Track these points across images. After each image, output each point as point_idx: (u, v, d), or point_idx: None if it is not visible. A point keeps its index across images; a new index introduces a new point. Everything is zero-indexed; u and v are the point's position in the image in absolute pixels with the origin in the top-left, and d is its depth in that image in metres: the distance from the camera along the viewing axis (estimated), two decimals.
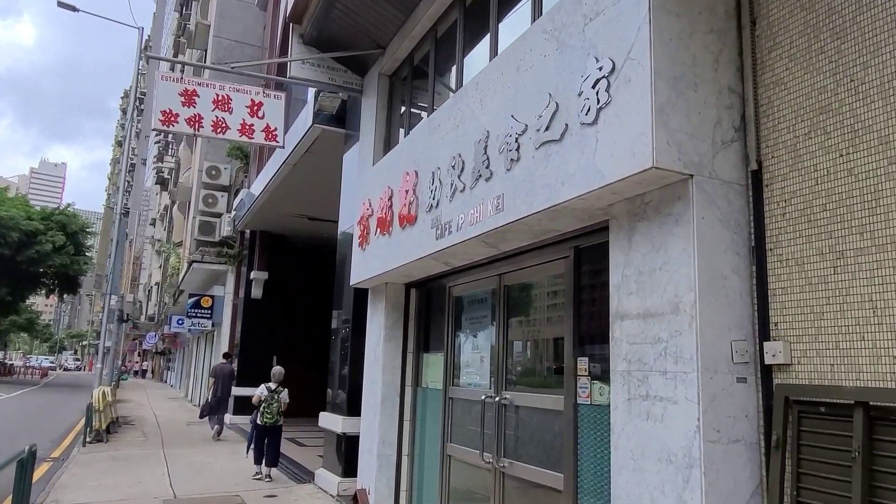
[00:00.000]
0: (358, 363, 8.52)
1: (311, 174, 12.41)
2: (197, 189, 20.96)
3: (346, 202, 9.52)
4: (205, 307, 19.15)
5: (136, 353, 62.82)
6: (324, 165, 11.89)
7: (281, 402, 9.62)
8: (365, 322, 8.61)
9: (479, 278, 5.48)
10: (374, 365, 6.88)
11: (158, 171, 45.63)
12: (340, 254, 9.53)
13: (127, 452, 11.95)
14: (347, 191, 9.47)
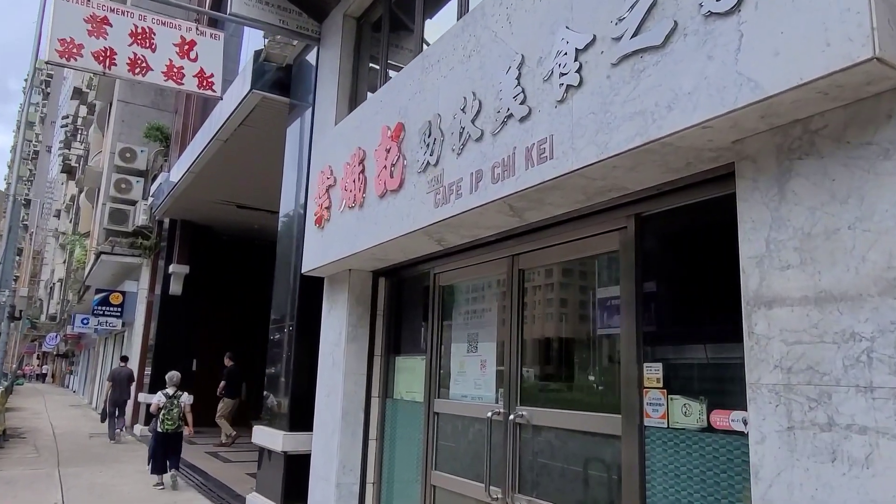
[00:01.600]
0: (305, 369, 7.12)
1: (244, 154, 10.83)
2: (108, 173, 18.69)
3: (289, 179, 8.10)
4: (114, 304, 16.97)
5: (34, 356, 57.70)
6: (259, 144, 10.36)
7: (182, 405, 9.23)
8: (315, 319, 7.21)
9: (482, 261, 4.27)
10: (331, 371, 5.52)
11: (65, 159, 41.92)
12: (282, 240, 8.11)
13: (12, 474, 9.97)
14: (291, 166, 8.07)
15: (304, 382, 7.11)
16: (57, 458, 11.54)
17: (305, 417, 7.03)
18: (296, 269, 7.20)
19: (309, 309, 7.25)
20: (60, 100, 53.18)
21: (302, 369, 7.12)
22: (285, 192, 8.18)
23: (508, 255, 4.06)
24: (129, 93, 18.92)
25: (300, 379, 7.09)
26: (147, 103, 19.05)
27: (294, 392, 7.02)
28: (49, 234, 48.74)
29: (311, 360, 7.19)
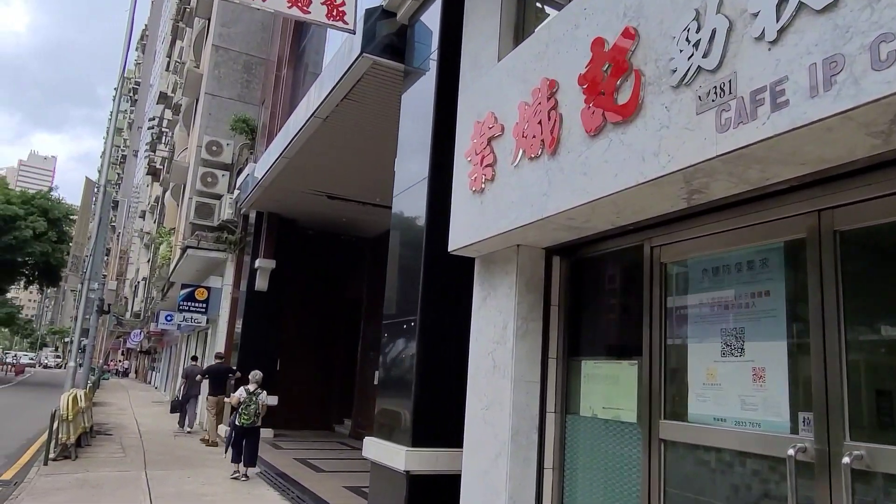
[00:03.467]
0: (434, 372, 5.89)
1: (342, 135, 9.76)
2: (195, 167, 18.18)
3: (408, 149, 6.92)
4: (199, 300, 16.34)
5: (119, 352, 59.37)
6: (361, 122, 9.27)
7: (259, 403, 9.50)
8: (447, 313, 5.98)
9: (754, 223, 2.89)
10: (491, 376, 4.22)
11: (150, 162, 42.74)
12: (401, 222, 6.90)
13: (98, 475, 9.16)
14: (412, 133, 6.88)
15: (432, 389, 5.87)
16: (143, 459, 10.75)
17: (434, 430, 5.79)
18: (427, 253, 5.97)
19: (439, 301, 6.01)
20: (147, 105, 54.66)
21: (430, 373, 5.88)
22: (402, 166, 6.98)
23: (810, 210, 2.67)
24: (216, 86, 18.39)
25: (427, 384, 5.85)
26: (233, 96, 18.48)
27: (419, 400, 5.79)
28: (135, 234, 49.92)
29: (442, 362, 5.94)
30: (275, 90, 15.53)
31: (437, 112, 6.28)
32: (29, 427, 15.35)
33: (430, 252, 6.04)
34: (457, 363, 5.91)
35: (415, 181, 6.49)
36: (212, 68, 18.41)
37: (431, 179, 6.16)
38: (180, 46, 37.77)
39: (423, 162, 6.31)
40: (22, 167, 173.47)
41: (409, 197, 6.60)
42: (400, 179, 6.95)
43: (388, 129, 9.35)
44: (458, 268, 5.82)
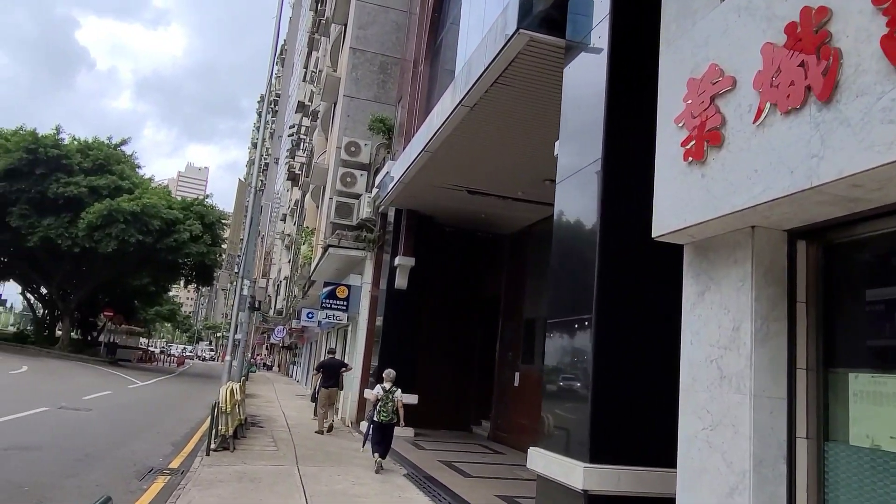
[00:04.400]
0: (617, 377, 5.15)
1: (489, 124, 9.21)
2: (334, 168, 18.52)
3: (574, 127, 6.19)
4: (340, 298, 16.56)
5: (263, 347, 63.26)
6: (510, 109, 8.66)
7: (396, 401, 9.88)
8: (623, 311, 5.23)
9: None
10: (717, 388, 3.41)
11: (290, 168, 45.00)
12: (568, 209, 6.19)
13: (256, 468, 9.24)
14: (575, 115, 6.15)
15: (613, 397, 5.13)
16: (294, 454, 10.83)
17: (617, 445, 5.04)
18: (604, 244, 5.23)
19: (618, 296, 5.26)
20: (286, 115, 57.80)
21: (609, 379, 5.14)
22: (566, 150, 6.27)
23: None
24: (354, 87, 18.63)
25: (607, 392, 5.11)
26: (370, 97, 18.63)
27: (598, 410, 5.06)
28: (276, 236, 52.89)
29: (625, 366, 5.19)
30: (411, 87, 15.36)
31: (611, 85, 5.54)
32: (191, 414, 16.26)
33: (607, 242, 5.31)
34: (645, 368, 5.12)
35: (583, 165, 5.76)
36: (349, 71, 18.67)
37: (606, 161, 5.42)
38: (316, 57, 39.40)
39: (595, 143, 5.58)
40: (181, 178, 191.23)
41: (577, 182, 5.87)
42: (564, 165, 6.24)
43: (539, 115, 8.70)
44: (642, 258, 5.05)
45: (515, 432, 13.97)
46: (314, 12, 40.78)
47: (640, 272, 5.28)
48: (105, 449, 9.92)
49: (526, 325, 14.35)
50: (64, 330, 40.10)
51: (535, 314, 14.12)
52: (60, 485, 7.41)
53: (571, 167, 6.02)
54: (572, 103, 6.23)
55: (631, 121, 5.50)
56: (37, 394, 16.69)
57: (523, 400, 13.84)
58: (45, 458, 8.69)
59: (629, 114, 5.50)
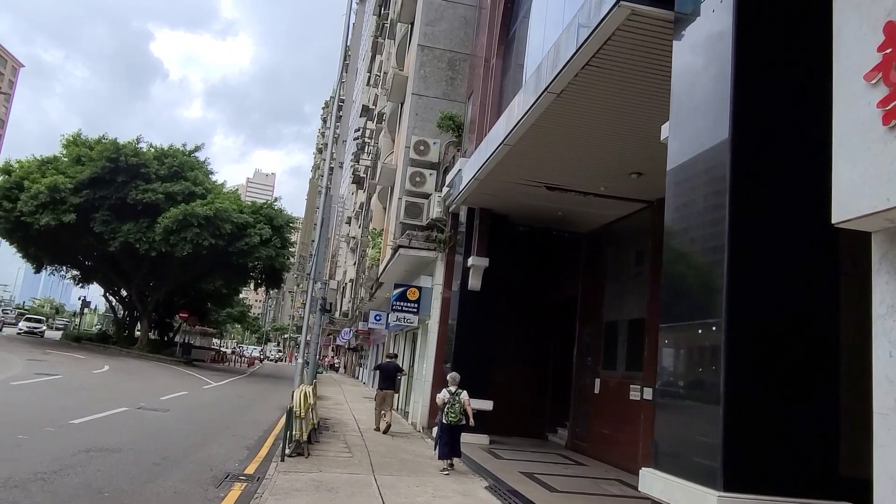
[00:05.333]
0: (759, 392, 4.42)
1: (575, 112, 8.53)
2: (403, 168, 18.17)
3: (686, 111, 5.48)
4: (411, 300, 16.15)
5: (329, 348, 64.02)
6: (601, 95, 7.95)
7: (462, 402, 10.08)
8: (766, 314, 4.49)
9: None
10: None
11: (354, 171, 45.30)
12: (677, 200, 5.47)
13: (332, 476, 8.86)
14: (691, 91, 5.43)
15: (753, 414, 4.39)
16: (369, 461, 10.42)
17: (758, 472, 4.31)
18: (735, 235, 4.52)
19: (754, 298, 4.52)
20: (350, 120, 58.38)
21: (748, 393, 4.41)
22: (678, 130, 5.55)
23: None
24: (422, 85, 18.24)
25: (745, 408, 4.38)
26: (438, 94, 18.20)
27: (733, 428, 4.33)
28: (342, 239, 53.38)
29: (769, 380, 4.45)
30: (483, 82, 14.80)
31: (738, 54, 4.79)
32: (264, 416, 16.20)
33: (739, 233, 4.58)
34: (793, 380, 4.36)
35: (704, 147, 5.04)
36: (417, 68, 18.30)
37: (736, 140, 4.68)
38: (380, 60, 39.49)
39: (719, 121, 4.86)
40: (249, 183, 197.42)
41: (696, 166, 5.15)
42: (677, 148, 5.52)
43: (632, 100, 7.97)
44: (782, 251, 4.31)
45: (596, 442, 13.18)
46: (377, 16, 40.92)
47: (779, 268, 4.53)
48: (182, 452, 9.77)
49: (607, 329, 13.53)
50: (142, 330, 41.57)
51: (616, 317, 13.29)
52: (139, 490, 7.21)
53: (687, 150, 5.30)
54: (686, 80, 5.51)
55: (765, 93, 4.76)
56: (118, 393, 17.01)
57: (605, 408, 13.03)
58: (124, 461, 8.56)
59: (762, 85, 4.76)
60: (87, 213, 33.20)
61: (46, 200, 32.26)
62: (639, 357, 11.85)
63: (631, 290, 12.87)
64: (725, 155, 4.70)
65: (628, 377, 12.22)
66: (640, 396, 11.56)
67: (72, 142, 35.93)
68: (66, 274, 45.18)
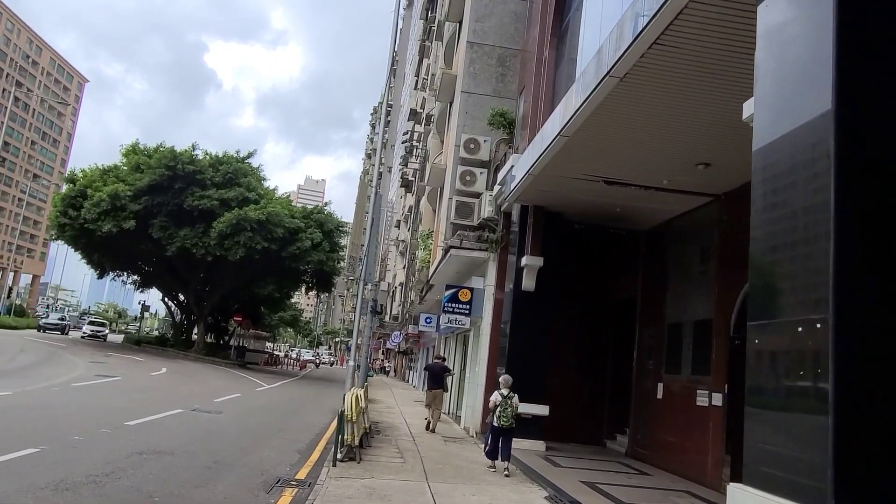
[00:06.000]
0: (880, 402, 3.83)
1: (639, 97, 7.95)
2: (453, 167, 17.81)
3: (775, 84, 4.88)
4: (463, 301, 15.74)
5: (380, 351, 64.23)
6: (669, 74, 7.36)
7: (514, 406, 10.02)
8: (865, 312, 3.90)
9: None
10: None
11: (403, 175, 45.27)
12: (767, 182, 4.87)
13: (384, 483, 8.50)
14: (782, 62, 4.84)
15: (869, 425, 3.79)
16: (422, 467, 10.03)
17: (879, 490, 3.70)
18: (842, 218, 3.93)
19: (867, 292, 3.92)
20: (398, 125, 58.53)
21: (863, 400, 3.81)
22: (766, 105, 4.96)
23: None
24: (472, 83, 17.86)
25: (860, 419, 3.78)
26: (488, 91, 17.79)
27: (845, 442, 3.74)
28: (391, 243, 53.45)
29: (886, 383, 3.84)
30: (535, 76, 14.30)
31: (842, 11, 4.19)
32: (315, 419, 16.05)
33: (848, 215, 3.97)
34: None
35: (800, 120, 4.45)
36: (466, 66, 17.93)
37: (841, 107, 4.08)
38: (427, 63, 39.35)
39: (820, 91, 4.25)
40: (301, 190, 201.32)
41: (790, 144, 4.56)
42: (764, 125, 4.93)
43: (703, 81, 7.33)
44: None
45: (659, 450, 12.46)
46: (424, 20, 40.84)
47: None
48: (234, 455, 9.60)
49: (670, 331, 12.81)
50: (199, 334, 42.46)
51: (679, 318, 12.56)
52: (189, 495, 7.00)
53: (779, 127, 4.70)
54: (774, 47, 4.92)
55: (874, 53, 4.15)
56: (173, 395, 17.17)
57: (669, 414, 12.31)
58: (176, 465, 8.41)
59: (870, 44, 4.15)
60: (145, 219, 34.10)
61: (108, 208, 33.26)
62: (706, 360, 11.12)
63: (695, 289, 12.14)
64: (828, 128, 4.11)
65: (695, 381, 11.49)
66: (708, 402, 10.84)
67: (131, 150, 37.00)
68: (127, 279, 46.61)
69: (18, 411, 11.31)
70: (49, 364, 22.51)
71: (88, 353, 30.13)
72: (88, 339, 44.22)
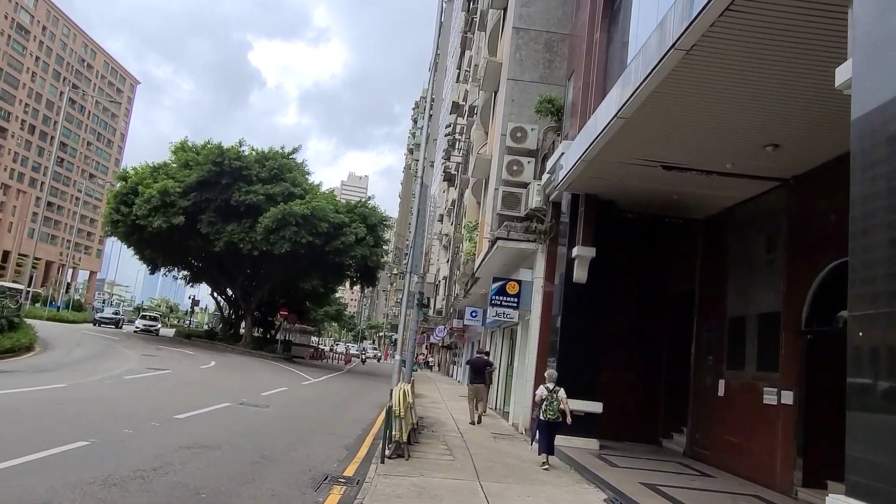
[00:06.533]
0: None
1: (706, 72, 7.36)
2: (499, 157, 17.34)
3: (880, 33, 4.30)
4: (511, 294, 15.27)
5: (423, 346, 64.18)
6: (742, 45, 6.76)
7: (560, 400, 9.94)
8: None
9: None
10: None
11: (446, 169, 44.94)
12: (870, 151, 4.30)
13: (434, 482, 8.16)
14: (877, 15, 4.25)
15: None
16: (473, 465, 9.66)
17: None
18: None
19: None
20: (440, 119, 58.22)
21: None
22: (869, 65, 4.38)
23: None
24: (518, 69, 17.33)
25: None
26: (535, 78, 17.23)
27: None
28: (434, 237, 53.23)
29: None
30: (585, 59, 13.69)
31: None
32: (362, 414, 15.87)
33: None
34: None
35: None
36: (512, 52, 17.41)
37: None
38: (469, 55, 38.85)
39: None
40: (344, 187, 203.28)
41: None
42: (866, 91, 4.34)
43: (777, 53, 6.73)
44: None
45: (721, 450, 11.80)
46: (466, 12, 40.32)
47: None
48: (280, 451, 9.41)
49: (731, 325, 12.10)
50: (246, 328, 43.09)
51: (742, 311, 11.84)
52: (236, 492, 6.79)
53: (884, 91, 4.12)
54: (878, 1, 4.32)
55: None
56: (221, 389, 17.25)
57: (731, 412, 11.63)
58: (223, 459, 8.25)
59: None
60: (194, 215, 34.66)
61: (158, 204, 33.93)
62: (773, 356, 10.41)
63: (761, 281, 11.40)
64: None
65: (761, 379, 10.80)
66: (776, 400, 10.15)
67: (179, 148, 37.67)
68: (177, 275, 47.65)
69: (72, 404, 11.40)
70: (104, 357, 23.01)
71: (141, 347, 30.81)
72: (141, 334, 45.34)
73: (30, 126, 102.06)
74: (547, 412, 9.88)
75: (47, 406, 10.75)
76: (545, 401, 9.94)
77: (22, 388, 12.50)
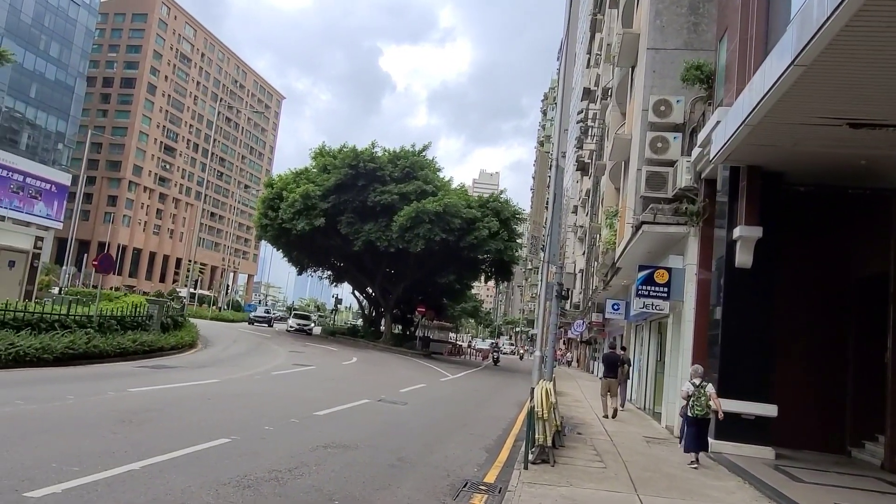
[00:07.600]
0: None
1: None
2: (640, 135, 15.87)
3: None
4: (659, 283, 13.81)
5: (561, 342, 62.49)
6: None
7: (708, 395, 9.55)
8: None
9: None
10: None
11: (578, 158, 43.19)
12: None
13: (586, 493, 7.22)
14: None
15: None
16: (628, 475, 8.56)
17: None
18: None
19: None
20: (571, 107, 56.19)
21: None
22: None
23: None
24: (659, 37, 15.75)
25: None
26: (679, 45, 15.56)
27: None
28: (568, 229, 51.49)
29: None
30: (742, 13, 11.95)
31: None
32: (501, 412, 15.19)
33: None
34: None
35: None
36: (652, 20, 15.85)
37: None
38: (599, 38, 36.98)
39: None
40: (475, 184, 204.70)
41: None
42: None
43: None
44: None
45: None
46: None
47: None
48: (418, 452, 8.91)
49: None
50: (386, 325, 44.16)
51: None
52: (370, 499, 6.32)
53: None
54: None
55: None
56: (361, 385, 17.33)
57: None
58: (359, 461, 7.86)
59: None
60: (334, 217, 35.98)
61: (301, 207, 35.60)
62: None
63: None
64: None
65: None
66: None
67: (318, 153, 39.35)
68: (322, 275, 50.00)
69: (222, 399, 11.74)
70: (255, 353, 24.28)
71: (289, 344, 32.41)
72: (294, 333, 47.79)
73: (193, 144, 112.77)
74: (694, 408, 9.58)
75: (199, 401, 11.11)
76: (692, 396, 9.64)
77: (180, 384, 13.15)
